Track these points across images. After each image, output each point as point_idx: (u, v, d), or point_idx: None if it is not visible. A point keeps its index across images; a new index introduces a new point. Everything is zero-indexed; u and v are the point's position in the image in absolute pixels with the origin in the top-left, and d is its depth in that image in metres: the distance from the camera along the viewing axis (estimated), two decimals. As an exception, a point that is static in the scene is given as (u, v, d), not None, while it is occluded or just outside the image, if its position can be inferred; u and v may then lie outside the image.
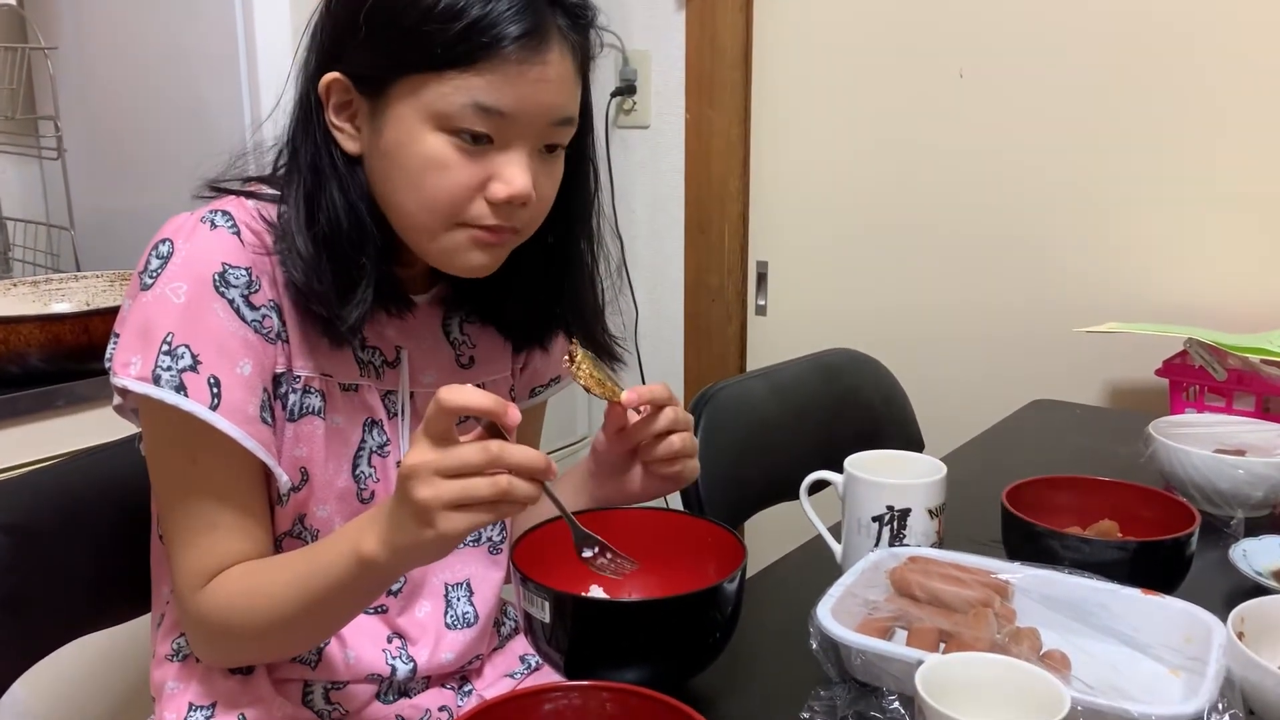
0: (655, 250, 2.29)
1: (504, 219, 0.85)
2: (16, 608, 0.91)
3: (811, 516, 1.09)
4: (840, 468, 1.05)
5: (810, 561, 1.10)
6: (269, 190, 0.89)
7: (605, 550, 0.85)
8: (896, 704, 0.76)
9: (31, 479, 0.98)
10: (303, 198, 0.86)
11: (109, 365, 0.84)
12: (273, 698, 0.92)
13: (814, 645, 0.82)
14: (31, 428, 1.38)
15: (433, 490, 0.72)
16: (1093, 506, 1.05)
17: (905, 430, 1.60)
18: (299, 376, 0.88)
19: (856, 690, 0.80)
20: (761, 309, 2.22)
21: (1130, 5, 1.74)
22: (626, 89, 2.21)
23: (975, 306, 1.96)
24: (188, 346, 0.81)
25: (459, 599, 1.00)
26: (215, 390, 0.82)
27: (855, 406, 1.55)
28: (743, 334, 2.24)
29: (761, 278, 2.21)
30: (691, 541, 0.91)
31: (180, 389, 0.81)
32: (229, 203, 0.87)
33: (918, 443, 1.60)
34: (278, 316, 0.86)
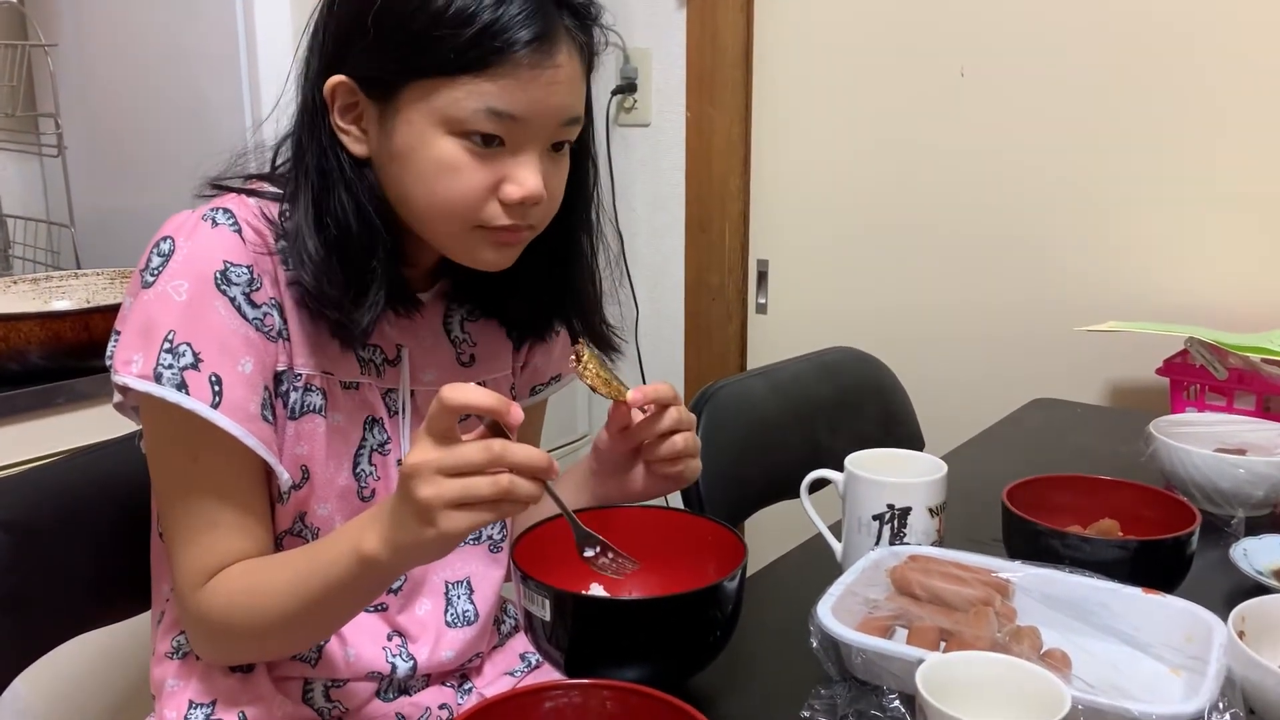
0: (656, 249, 2.29)
1: (518, 218, 0.85)
2: (16, 605, 0.91)
3: (812, 515, 1.09)
4: (840, 466, 1.05)
5: (811, 560, 1.10)
6: (270, 188, 0.89)
7: (607, 550, 0.85)
8: (897, 703, 0.76)
9: (31, 476, 0.98)
10: (310, 201, 0.85)
11: (110, 363, 0.84)
12: (273, 695, 0.92)
13: (814, 644, 0.82)
14: (31, 425, 1.38)
15: (435, 489, 0.72)
16: (1093, 505, 1.05)
17: (906, 429, 1.60)
18: (300, 374, 0.88)
19: (857, 689, 0.80)
20: (762, 307, 2.22)
21: (1131, 5, 1.74)
22: (627, 87, 2.21)
23: (976, 305, 1.96)
24: (189, 344, 0.81)
25: (459, 597, 1.00)
26: (217, 388, 0.82)
27: (856, 405, 1.55)
28: (743, 332, 2.24)
29: (762, 276, 2.21)
30: (692, 540, 0.91)
31: (182, 387, 0.81)
32: (230, 200, 0.87)
33: (918, 441, 1.60)
34: (279, 314, 0.86)
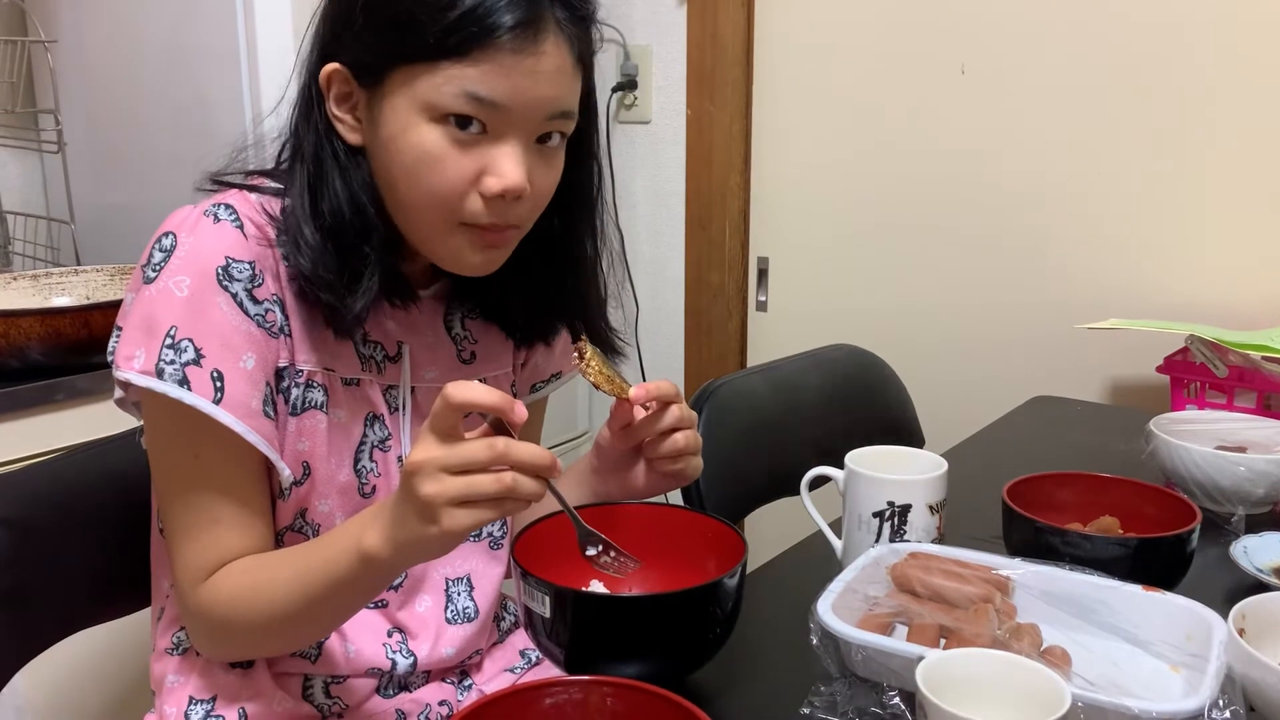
0: (656, 246, 2.29)
1: (500, 215, 0.84)
2: (16, 602, 0.91)
3: (812, 512, 1.09)
4: (841, 463, 1.05)
5: (811, 557, 1.10)
6: (272, 184, 0.89)
7: (609, 548, 0.85)
8: (897, 700, 0.76)
9: (32, 473, 0.98)
10: (306, 188, 0.86)
11: (112, 359, 0.84)
12: (273, 691, 0.92)
13: (815, 641, 0.82)
14: (31, 422, 1.38)
15: (437, 486, 0.72)
16: (1094, 503, 1.05)
17: (906, 426, 1.60)
18: (302, 371, 0.88)
19: (857, 686, 0.80)
20: (762, 305, 2.22)
21: (1131, 5, 1.74)
22: (627, 84, 2.20)
23: (976, 302, 1.95)
24: (191, 340, 0.81)
25: (459, 594, 1.00)
26: (218, 384, 0.81)
27: (856, 402, 1.55)
28: (743, 330, 2.24)
29: (762, 274, 2.21)
30: (692, 537, 0.91)
31: (183, 383, 0.81)
32: (232, 196, 0.87)
33: (918, 438, 1.60)
34: (280, 311, 0.86)
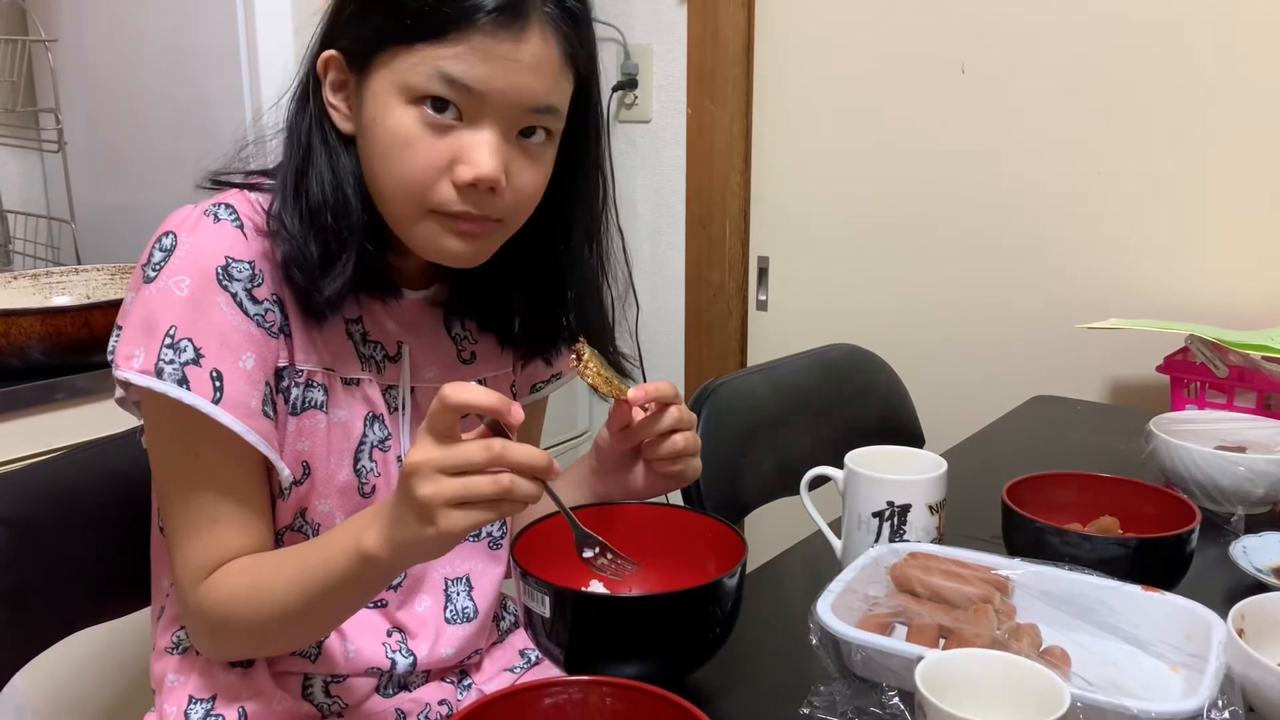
0: (656, 245, 2.29)
1: (474, 205, 0.83)
2: (17, 601, 0.91)
3: (812, 512, 1.09)
4: (841, 463, 1.05)
5: (810, 557, 1.10)
6: (271, 183, 0.89)
7: (606, 550, 0.85)
8: (896, 700, 0.76)
9: (32, 472, 0.98)
10: (294, 171, 0.86)
11: (111, 358, 0.84)
12: (273, 691, 0.93)
13: (814, 641, 0.82)
14: (31, 421, 1.38)
15: (435, 487, 0.72)
16: (1093, 503, 1.05)
17: (906, 426, 1.60)
18: (301, 370, 0.88)
19: (856, 686, 0.80)
20: (763, 304, 2.22)
21: (1132, 4, 1.73)
22: (628, 83, 2.20)
23: (976, 302, 1.95)
24: (190, 340, 0.81)
25: (459, 594, 1.00)
26: (218, 384, 0.82)
27: (856, 402, 1.55)
28: (743, 329, 2.24)
29: (763, 273, 2.21)
30: (692, 537, 0.91)
31: (183, 382, 0.81)
32: (232, 196, 0.87)
33: (918, 438, 1.60)
34: (280, 310, 0.86)
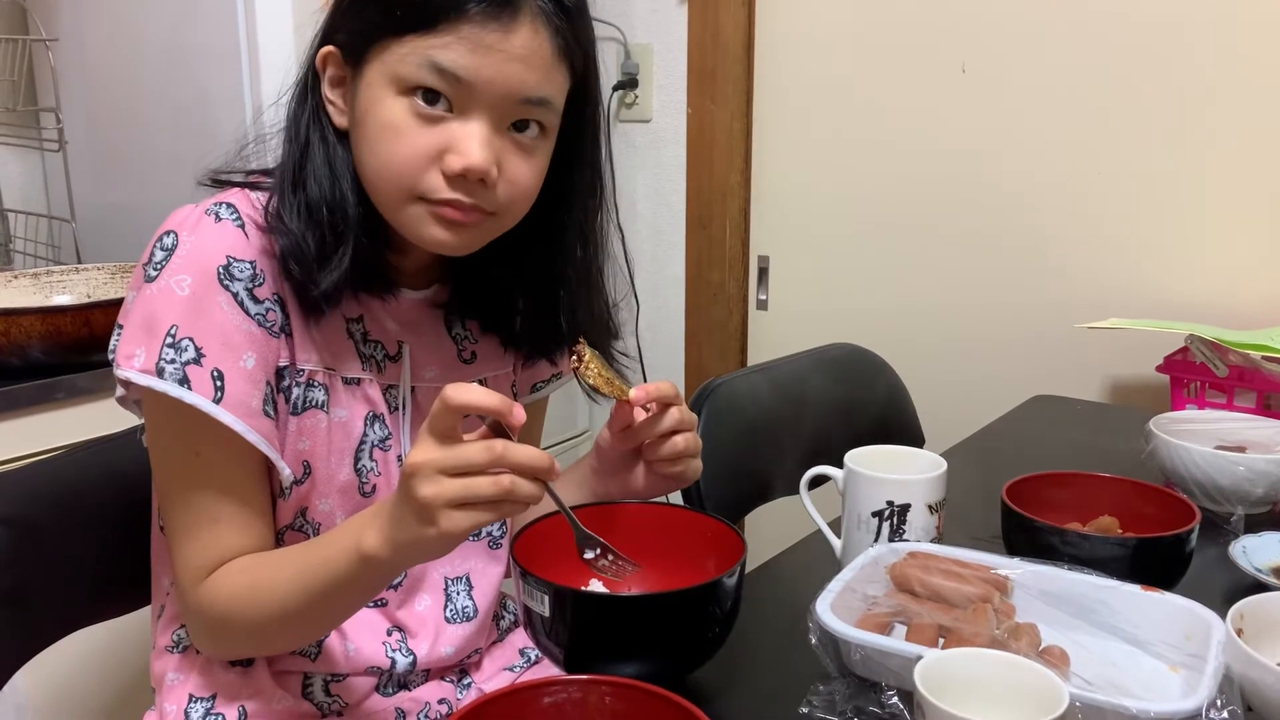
0: (656, 245, 2.29)
1: (463, 194, 0.82)
2: (17, 600, 0.91)
3: (811, 511, 1.09)
4: (840, 463, 1.05)
5: (810, 557, 1.10)
6: (271, 181, 0.89)
7: (607, 551, 0.85)
8: (895, 699, 0.76)
9: (32, 471, 0.98)
10: (291, 167, 0.86)
11: (112, 357, 0.84)
12: (273, 690, 0.93)
13: (813, 640, 0.82)
14: (32, 420, 1.38)
15: (436, 488, 0.72)
16: (1093, 502, 1.05)
17: (905, 425, 1.60)
18: (302, 370, 0.88)
19: (856, 685, 0.80)
20: (763, 304, 2.22)
21: (1132, 4, 1.73)
22: (628, 83, 2.20)
23: (976, 302, 1.95)
24: (191, 339, 0.81)
25: (458, 593, 1.00)
26: (218, 383, 0.82)
27: (856, 402, 1.55)
28: (744, 329, 2.24)
29: (763, 273, 2.21)
30: (691, 536, 0.92)
31: (184, 382, 0.81)
32: (233, 195, 0.87)
33: (918, 438, 1.60)
34: (281, 310, 0.86)
